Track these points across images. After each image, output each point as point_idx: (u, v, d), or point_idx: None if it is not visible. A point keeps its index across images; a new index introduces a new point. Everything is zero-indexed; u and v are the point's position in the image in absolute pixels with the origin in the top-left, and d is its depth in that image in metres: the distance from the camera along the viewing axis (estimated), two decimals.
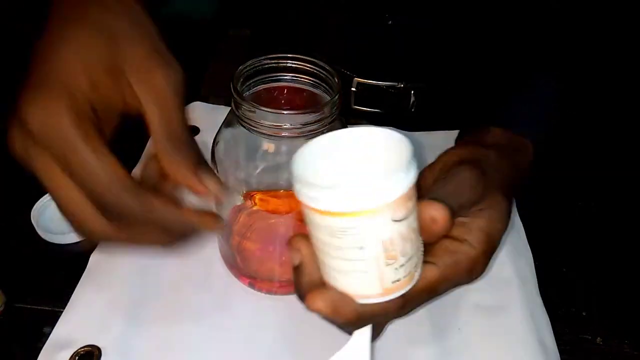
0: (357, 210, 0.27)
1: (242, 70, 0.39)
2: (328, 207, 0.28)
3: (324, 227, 0.29)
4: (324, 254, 0.30)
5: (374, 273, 0.29)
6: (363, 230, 0.28)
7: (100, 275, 0.45)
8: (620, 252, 0.52)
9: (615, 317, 0.47)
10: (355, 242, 0.28)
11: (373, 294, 0.30)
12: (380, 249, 0.29)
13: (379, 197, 0.27)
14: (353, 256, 0.29)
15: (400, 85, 0.60)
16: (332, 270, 0.30)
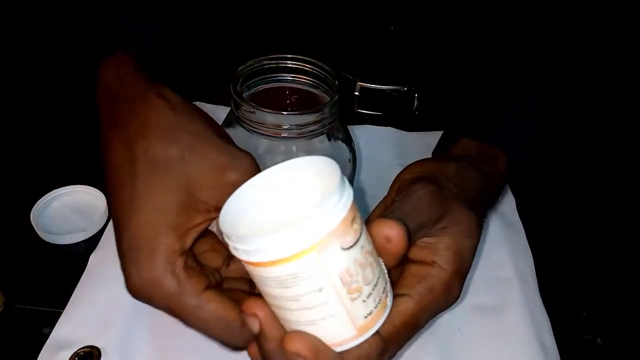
0: (300, 250, 0.25)
1: (241, 71, 0.39)
2: (270, 256, 0.25)
3: (273, 280, 0.26)
4: (284, 311, 0.27)
5: (342, 314, 0.27)
6: (314, 270, 0.25)
7: (99, 275, 0.45)
8: (620, 252, 0.52)
9: (615, 318, 0.47)
10: (311, 286, 0.26)
11: (348, 337, 0.28)
12: (339, 284, 0.26)
13: (320, 229, 0.25)
14: (314, 302, 0.26)
15: (404, 89, 0.60)
16: (295, 325, 0.28)
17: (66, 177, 0.53)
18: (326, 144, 0.41)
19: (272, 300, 0.27)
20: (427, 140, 0.59)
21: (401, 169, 0.56)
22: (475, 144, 0.42)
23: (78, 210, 0.51)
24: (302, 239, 0.25)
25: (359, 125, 0.60)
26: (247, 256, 0.26)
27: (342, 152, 0.41)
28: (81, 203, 0.52)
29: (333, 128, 0.39)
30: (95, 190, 0.52)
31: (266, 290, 0.27)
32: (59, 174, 0.54)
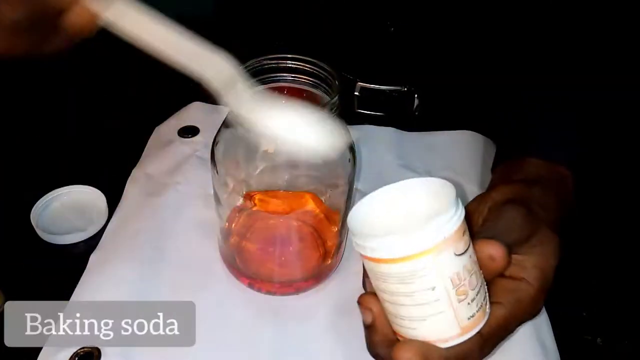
0: (423, 250, 0.29)
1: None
2: (395, 253, 0.29)
3: (393, 276, 0.30)
4: (397, 306, 0.31)
5: (449, 312, 0.30)
6: (431, 270, 0.29)
7: (99, 275, 0.45)
8: (620, 252, 0.52)
9: (616, 318, 0.47)
10: (426, 284, 0.30)
11: (453, 335, 0.31)
12: (450, 285, 0.30)
13: (440, 233, 0.29)
14: (427, 299, 0.30)
15: (404, 89, 0.60)
16: (407, 320, 0.31)
17: (66, 177, 0.53)
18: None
19: (387, 296, 0.31)
20: (427, 141, 0.60)
21: (401, 169, 0.56)
22: (543, 164, 0.44)
23: (78, 210, 0.51)
24: (423, 241, 0.29)
25: (359, 125, 0.60)
26: (372, 253, 0.30)
27: (343, 152, 0.41)
28: (81, 203, 0.52)
29: None
30: (95, 190, 0.52)
31: (383, 287, 0.31)
32: (59, 174, 0.54)
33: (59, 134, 0.60)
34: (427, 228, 0.29)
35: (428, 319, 0.31)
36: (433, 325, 0.31)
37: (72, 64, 0.72)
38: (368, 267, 0.32)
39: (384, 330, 0.33)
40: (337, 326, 0.43)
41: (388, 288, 0.31)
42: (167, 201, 0.51)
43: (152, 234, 0.48)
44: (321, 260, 0.46)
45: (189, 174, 0.54)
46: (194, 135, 0.58)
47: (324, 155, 0.34)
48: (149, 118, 0.60)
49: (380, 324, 0.33)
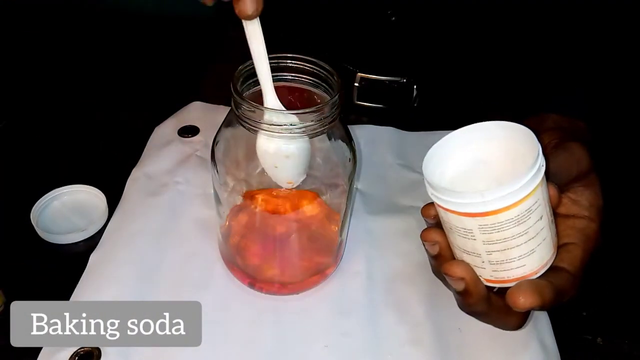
0: (538, 183, 0.31)
1: (242, 70, 0.39)
2: (519, 197, 0.31)
3: (511, 220, 0.31)
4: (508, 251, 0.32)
5: (550, 236, 0.33)
6: (541, 199, 0.32)
7: (99, 275, 0.45)
8: (620, 252, 0.52)
9: (616, 317, 0.47)
10: (538, 215, 0.32)
11: (550, 257, 0.34)
12: (549, 209, 0.33)
13: (542, 166, 0.32)
14: (537, 230, 0.32)
15: (403, 80, 0.59)
16: (518, 260, 0.33)
17: (66, 176, 0.53)
18: (326, 144, 0.41)
19: (498, 246, 0.32)
20: (428, 141, 0.59)
21: (402, 169, 0.56)
22: (563, 118, 0.44)
23: (78, 209, 0.51)
24: (535, 180, 0.31)
25: (360, 125, 0.60)
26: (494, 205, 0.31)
27: (343, 152, 0.41)
28: (81, 202, 0.52)
29: (333, 127, 0.39)
30: (95, 189, 0.52)
31: (497, 236, 0.32)
32: (59, 173, 0.54)
33: (59, 134, 0.60)
34: (537, 163, 0.31)
35: (537, 249, 0.33)
36: (539, 254, 0.33)
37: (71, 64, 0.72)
38: (477, 224, 0.32)
39: (478, 289, 0.35)
40: (337, 326, 0.43)
41: (504, 235, 0.32)
42: (167, 201, 0.51)
43: (152, 233, 0.48)
44: (321, 260, 0.46)
45: (189, 173, 0.54)
46: (194, 135, 0.58)
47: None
48: (149, 118, 0.60)
49: (473, 286, 0.34)
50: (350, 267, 0.47)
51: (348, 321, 0.43)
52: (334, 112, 0.38)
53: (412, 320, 0.43)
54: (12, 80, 0.67)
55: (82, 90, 0.67)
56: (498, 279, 0.34)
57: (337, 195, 0.43)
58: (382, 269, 0.47)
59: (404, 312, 0.44)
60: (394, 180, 0.55)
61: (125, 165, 0.55)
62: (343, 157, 0.41)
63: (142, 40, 0.76)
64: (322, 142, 0.40)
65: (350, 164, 0.42)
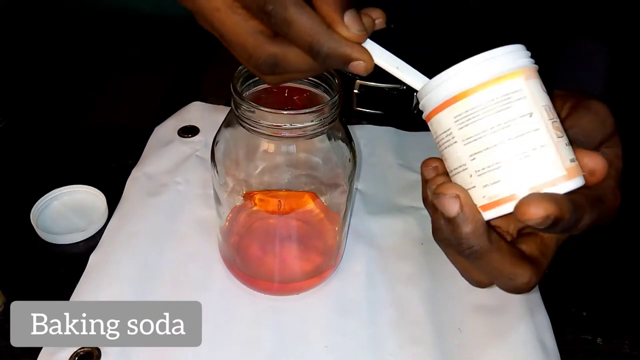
0: (516, 69, 0.27)
1: (242, 70, 0.39)
2: (486, 75, 0.27)
3: (484, 107, 0.27)
4: (492, 151, 0.27)
5: (551, 147, 0.27)
6: (525, 92, 0.27)
7: (99, 275, 0.45)
8: (620, 252, 0.52)
9: (616, 317, 0.47)
10: (523, 109, 0.27)
11: (560, 176, 0.27)
12: (545, 115, 0.27)
13: (526, 60, 0.28)
14: (526, 127, 0.27)
15: (403, 88, 0.59)
16: (508, 163, 0.27)
17: (66, 176, 0.53)
18: (326, 144, 0.41)
19: (479, 144, 0.28)
20: (428, 141, 0.59)
21: (401, 169, 0.56)
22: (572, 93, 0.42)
23: (78, 209, 0.51)
24: (521, 59, 0.28)
25: (360, 125, 0.60)
26: (457, 87, 0.28)
27: (343, 152, 0.41)
28: (81, 203, 0.52)
29: (333, 128, 0.39)
30: (95, 189, 0.52)
31: (474, 130, 0.28)
32: (59, 173, 0.54)
33: (59, 133, 0.60)
34: (516, 52, 0.28)
35: (531, 154, 0.27)
36: (537, 163, 0.27)
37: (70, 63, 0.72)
38: (452, 116, 0.28)
39: (475, 216, 0.28)
40: (337, 326, 0.43)
41: (481, 126, 0.27)
42: (167, 201, 0.51)
43: (152, 233, 0.48)
44: (321, 260, 0.46)
45: (188, 173, 0.54)
46: (194, 135, 0.58)
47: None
48: (149, 118, 0.60)
49: (469, 210, 0.28)
50: (350, 267, 0.47)
51: (348, 321, 0.43)
52: (334, 112, 0.38)
53: (412, 321, 0.43)
54: (12, 80, 0.67)
55: (82, 90, 0.67)
56: (492, 199, 0.28)
57: (337, 196, 0.43)
58: (382, 269, 0.47)
59: (404, 312, 0.44)
60: (394, 181, 0.55)
61: (125, 165, 0.55)
62: (343, 158, 0.41)
63: (142, 40, 0.76)
64: (322, 143, 0.40)
65: (350, 164, 0.42)
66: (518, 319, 0.43)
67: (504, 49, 0.28)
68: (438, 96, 0.29)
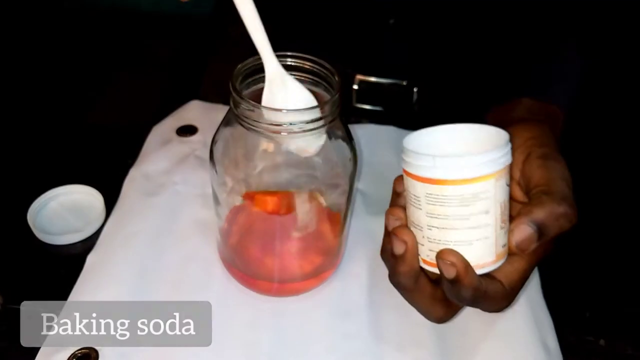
0: (491, 173, 0.31)
1: (241, 69, 0.38)
2: (467, 174, 0.31)
3: (456, 198, 0.31)
4: (447, 231, 0.32)
5: (492, 238, 0.32)
6: (491, 193, 0.31)
7: (97, 276, 0.45)
8: (623, 253, 0.52)
9: (619, 319, 0.46)
10: (483, 207, 0.31)
11: (488, 262, 0.33)
12: (499, 212, 0.32)
13: (505, 160, 0.31)
14: (480, 222, 0.32)
15: (403, 83, 0.59)
16: (454, 245, 0.32)
17: (63, 176, 0.53)
18: (326, 143, 0.40)
19: (439, 222, 0.32)
20: None
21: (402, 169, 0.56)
22: (535, 104, 0.43)
23: (75, 210, 0.51)
24: (494, 164, 0.31)
25: (360, 124, 0.60)
26: (443, 174, 0.31)
27: (343, 151, 0.41)
28: (78, 203, 0.51)
29: (333, 127, 0.39)
30: (92, 190, 0.51)
31: (440, 211, 0.32)
32: (56, 173, 0.53)
33: (56, 133, 0.60)
34: (496, 153, 0.31)
35: (475, 243, 0.32)
36: (476, 250, 0.32)
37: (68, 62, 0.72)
38: (425, 191, 0.32)
39: (412, 262, 0.34)
40: (337, 327, 0.43)
41: (445, 212, 0.32)
42: (165, 201, 0.51)
43: (150, 234, 0.48)
44: (321, 261, 0.46)
45: (187, 173, 0.54)
46: (193, 135, 0.58)
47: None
48: (147, 117, 0.60)
49: (410, 255, 0.34)
50: (351, 268, 0.47)
51: (348, 323, 0.43)
52: (334, 111, 0.37)
53: (413, 322, 0.43)
54: (9, 80, 0.67)
55: (79, 89, 0.67)
56: (432, 261, 0.33)
57: (337, 196, 0.42)
58: (383, 269, 0.47)
59: (405, 313, 0.44)
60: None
61: (123, 165, 0.54)
62: (343, 157, 0.41)
63: (140, 38, 0.76)
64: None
65: (350, 163, 0.41)
66: (520, 321, 0.43)
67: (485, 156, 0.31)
68: (418, 170, 0.32)
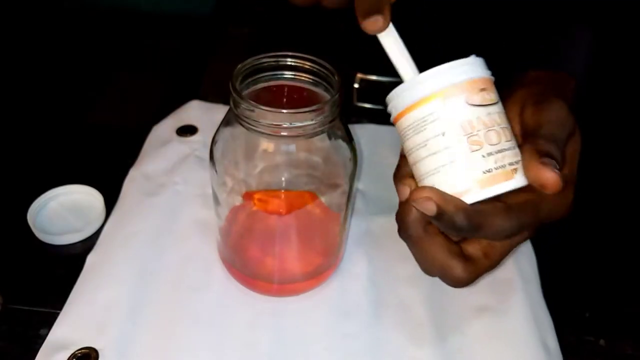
0: (427, 95, 0.30)
1: (241, 69, 0.38)
2: (407, 102, 0.31)
3: (410, 128, 0.31)
4: (418, 165, 0.32)
5: (461, 162, 0.30)
6: (439, 114, 0.30)
7: (97, 276, 0.44)
8: (623, 253, 0.52)
9: (619, 319, 0.46)
10: (436, 129, 0.30)
11: (468, 188, 0.31)
12: (460, 132, 0.30)
13: (446, 79, 0.30)
14: (438, 146, 0.31)
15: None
16: (427, 177, 0.32)
17: (63, 176, 0.53)
18: (327, 143, 0.40)
19: (411, 158, 0.33)
20: None
21: None
22: (542, 73, 0.42)
23: (75, 210, 0.51)
24: (430, 87, 0.30)
25: (360, 124, 0.60)
26: (395, 110, 0.32)
27: (343, 151, 0.41)
28: (78, 203, 0.51)
29: (334, 127, 0.39)
30: (92, 190, 0.51)
31: (407, 145, 0.33)
32: (56, 173, 0.53)
33: (56, 133, 0.60)
34: (433, 72, 0.30)
35: (441, 169, 0.31)
36: (446, 176, 0.31)
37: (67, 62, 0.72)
38: (398, 132, 0.33)
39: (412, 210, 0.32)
40: (337, 328, 0.42)
41: (409, 145, 0.32)
42: (165, 201, 0.51)
43: (150, 234, 0.48)
44: (321, 261, 0.46)
45: (187, 173, 0.54)
46: (193, 135, 0.58)
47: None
48: (146, 117, 0.60)
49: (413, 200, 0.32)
50: (351, 268, 0.47)
51: (348, 323, 0.43)
52: (334, 111, 0.37)
53: (413, 322, 0.43)
54: (9, 80, 0.66)
55: (79, 89, 0.67)
56: None
57: (337, 196, 0.42)
58: (383, 270, 0.47)
59: (405, 313, 0.44)
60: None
61: (123, 165, 0.54)
62: (343, 157, 0.41)
63: (139, 38, 0.76)
64: (322, 142, 0.40)
65: (350, 163, 0.41)
66: (520, 321, 0.43)
67: (430, 72, 0.31)
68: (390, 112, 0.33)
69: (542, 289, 0.46)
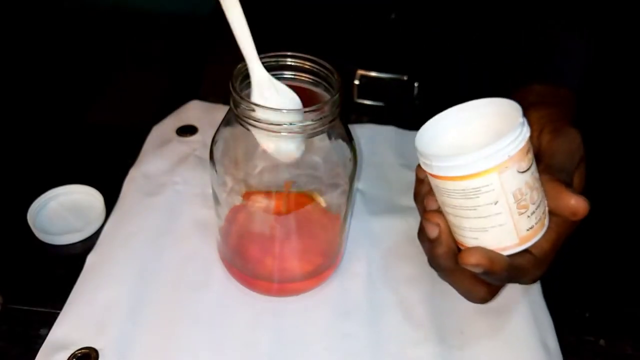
0: (488, 169, 0.32)
1: (241, 69, 0.38)
2: (461, 172, 0.32)
3: (458, 192, 0.33)
4: (460, 219, 0.34)
5: (509, 224, 0.33)
6: (495, 186, 0.32)
7: (97, 276, 0.44)
8: (623, 253, 0.52)
9: (619, 319, 0.46)
10: (490, 199, 0.32)
11: (511, 244, 0.34)
12: (512, 200, 0.33)
13: (505, 153, 0.31)
14: (489, 212, 0.33)
15: (404, 78, 0.59)
16: (469, 231, 0.34)
17: (63, 176, 0.53)
18: (326, 143, 0.40)
19: (451, 210, 0.34)
20: None
21: (403, 168, 0.56)
22: (546, 88, 0.44)
23: (75, 210, 0.51)
24: (489, 161, 0.31)
25: (360, 124, 0.60)
26: (439, 171, 0.33)
27: (343, 151, 0.41)
28: (78, 203, 0.51)
29: (334, 127, 0.39)
30: (92, 190, 0.51)
31: (449, 201, 0.34)
32: (56, 173, 0.53)
33: (56, 133, 0.60)
34: (492, 148, 0.31)
35: (489, 230, 0.33)
36: (494, 236, 0.34)
37: (67, 62, 0.72)
38: (434, 183, 0.34)
39: (448, 243, 0.36)
40: (338, 328, 0.42)
41: (452, 202, 0.34)
42: (165, 201, 0.51)
43: (150, 234, 0.48)
44: (321, 261, 0.45)
45: (187, 173, 0.53)
46: (192, 135, 0.58)
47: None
48: (146, 117, 0.60)
49: (445, 237, 0.35)
50: (351, 268, 0.47)
51: (348, 323, 0.43)
52: (334, 111, 0.37)
53: (413, 322, 0.43)
54: (9, 80, 0.66)
55: (79, 89, 0.67)
56: (460, 242, 0.36)
57: (337, 196, 0.42)
58: (383, 270, 0.47)
59: (405, 313, 0.44)
60: (395, 180, 0.55)
61: (123, 165, 0.54)
62: (343, 157, 0.41)
63: (139, 38, 0.76)
64: (322, 142, 0.40)
65: (350, 163, 0.41)
66: (520, 321, 0.43)
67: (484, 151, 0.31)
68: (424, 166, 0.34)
69: (542, 289, 0.46)
